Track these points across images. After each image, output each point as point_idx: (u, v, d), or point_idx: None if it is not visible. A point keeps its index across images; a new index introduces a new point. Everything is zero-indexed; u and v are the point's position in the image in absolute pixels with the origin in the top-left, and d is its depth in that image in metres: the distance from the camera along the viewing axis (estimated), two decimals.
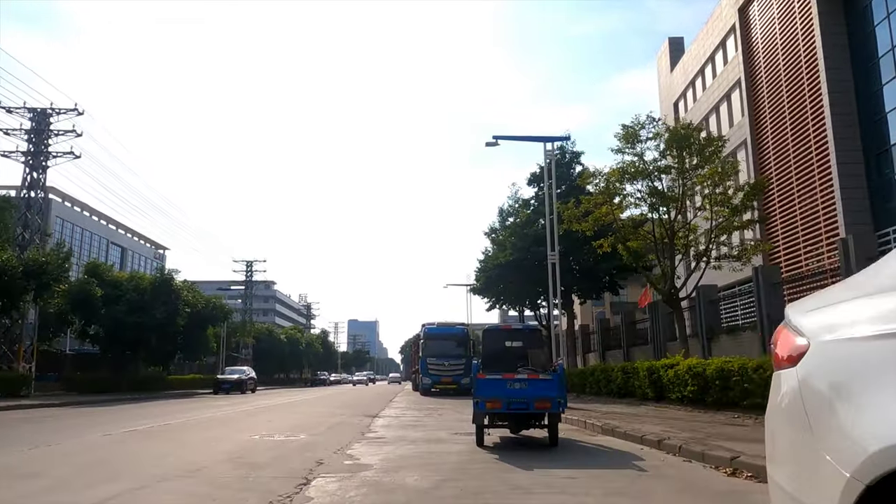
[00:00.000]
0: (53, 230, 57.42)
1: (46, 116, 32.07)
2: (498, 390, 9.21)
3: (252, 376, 44.11)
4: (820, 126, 24.44)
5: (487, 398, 9.22)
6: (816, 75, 24.79)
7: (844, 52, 24.67)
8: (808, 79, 25.32)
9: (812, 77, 25.01)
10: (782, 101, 27.48)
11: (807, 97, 25.42)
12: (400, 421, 15.24)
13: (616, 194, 18.31)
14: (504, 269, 30.00)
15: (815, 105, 24.91)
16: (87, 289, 34.53)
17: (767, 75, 28.99)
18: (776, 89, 28.11)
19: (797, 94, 26.23)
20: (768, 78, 28.88)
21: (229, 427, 13.54)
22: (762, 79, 29.47)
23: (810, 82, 25.15)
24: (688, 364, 15.38)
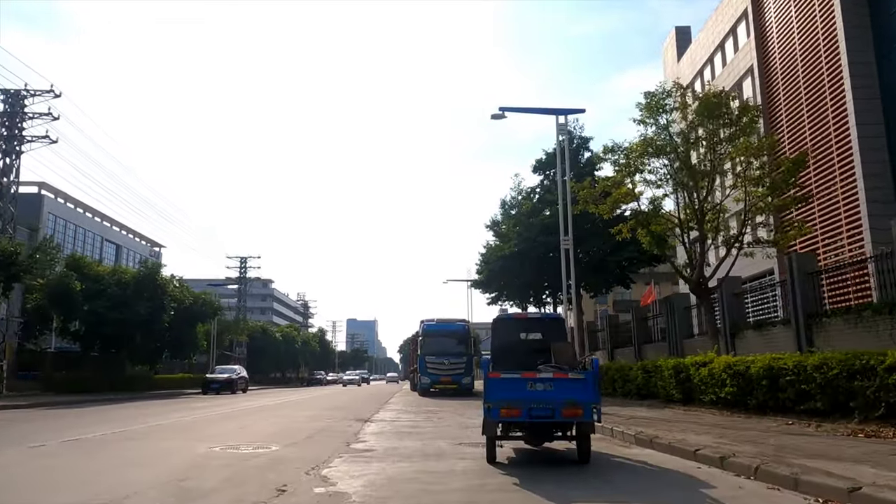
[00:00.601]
0: (46, 226, 55.65)
1: (20, 98, 30.10)
2: (516, 393, 7.26)
3: (243, 376, 42.14)
4: (840, 113, 22.68)
5: (502, 403, 7.26)
6: (837, 59, 22.98)
7: (867, 33, 22.84)
8: (827, 64, 23.53)
9: (832, 61, 23.22)
10: (798, 89, 25.65)
11: (826, 83, 23.64)
12: (394, 427, 13.27)
13: (638, 171, 16.33)
14: (508, 260, 28.04)
15: (834, 92, 23.14)
16: (65, 283, 32.54)
17: (782, 61, 27.16)
18: (792, 76, 26.29)
19: (815, 80, 24.45)
20: (783, 64, 27.06)
21: (193, 435, 11.57)
22: (776, 66, 27.65)
23: (830, 67, 23.36)
24: (725, 361, 13.41)
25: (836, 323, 14.26)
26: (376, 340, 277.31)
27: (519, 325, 9.24)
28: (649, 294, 32.28)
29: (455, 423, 14.35)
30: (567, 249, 18.00)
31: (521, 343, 9.01)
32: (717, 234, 16.33)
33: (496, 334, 9.27)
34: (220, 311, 46.59)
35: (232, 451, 9.00)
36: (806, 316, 15.40)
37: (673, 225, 16.92)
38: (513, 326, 9.25)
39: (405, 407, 21.61)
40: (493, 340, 9.27)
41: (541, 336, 9.06)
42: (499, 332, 9.26)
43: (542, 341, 8.97)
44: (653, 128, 16.18)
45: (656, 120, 16.02)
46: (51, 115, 30.28)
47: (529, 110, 19.20)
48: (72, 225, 63.44)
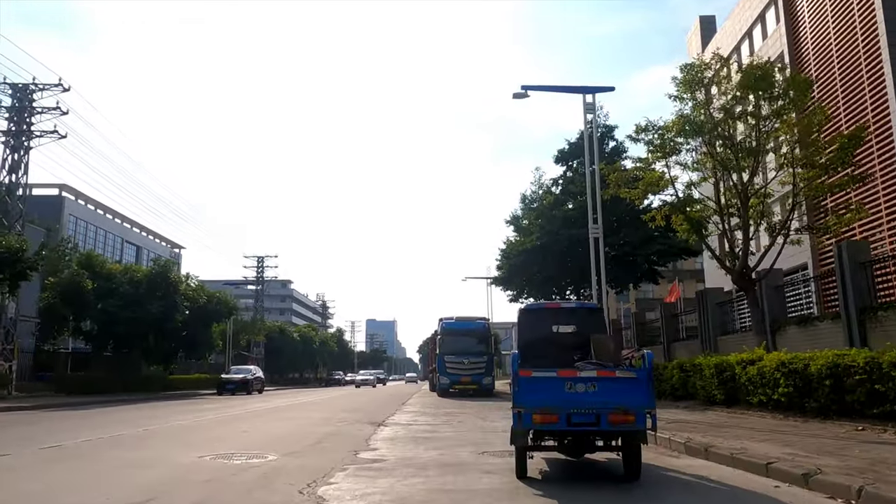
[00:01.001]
0: (67, 228, 55.54)
1: (28, 93, 29.38)
2: (552, 396, 6.02)
3: (258, 376, 41.26)
4: (879, 99, 21.17)
5: (536, 408, 6.02)
6: (875, 43, 21.52)
7: None
8: (864, 47, 22.03)
9: (869, 45, 21.72)
10: (833, 75, 24.20)
11: (863, 69, 22.16)
12: (409, 431, 12.08)
13: (674, 152, 14.96)
14: (530, 255, 26.73)
15: (873, 77, 21.65)
16: (77, 281, 31.90)
17: (815, 47, 25.65)
18: (826, 62, 24.84)
19: (851, 65, 22.96)
20: (816, 50, 25.58)
21: (187, 441, 10.47)
22: (808, 52, 26.17)
23: (867, 51, 21.86)
24: (778, 359, 12.02)
25: (894, 317, 12.84)
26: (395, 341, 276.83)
27: (550, 317, 7.98)
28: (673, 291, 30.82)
29: (476, 427, 13.14)
30: (596, 238, 16.64)
31: (553, 337, 7.76)
32: (761, 221, 14.89)
33: (523, 327, 8.03)
34: (236, 310, 45.79)
35: (222, 461, 7.87)
36: (858, 310, 14.00)
37: (711, 211, 15.50)
38: (543, 318, 8.00)
39: (423, 409, 20.45)
40: (520, 335, 8.03)
41: (576, 328, 7.81)
42: (526, 324, 8.02)
43: (577, 335, 7.72)
44: (690, 104, 14.78)
45: (694, 95, 14.63)
46: (59, 110, 29.53)
47: (554, 88, 17.92)
48: (92, 226, 63.44)
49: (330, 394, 38.14)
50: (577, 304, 8.67)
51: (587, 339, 7.49)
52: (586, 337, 7.52)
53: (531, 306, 8.24)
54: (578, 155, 29.39)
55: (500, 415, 17.02)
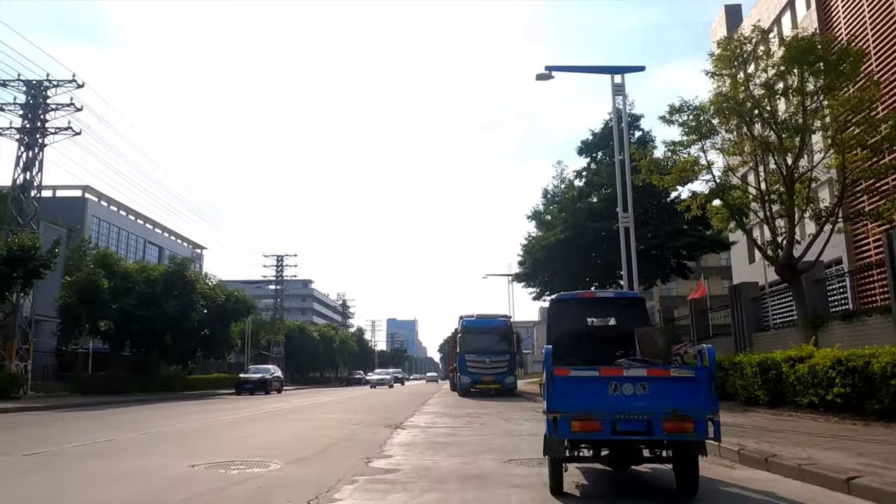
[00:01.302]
0: (90, 229, 55.70)
1: (43, 89, 29.03)
2: (595, 399, 5.10)
3: (277, 376, 40.70)
4: None
5: (575, 413, 5.09)
6: None
7: None
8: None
9: None
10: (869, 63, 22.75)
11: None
12: (428, 435, 11.19)
13: (712, 133, 13.86)
14: (554, 249, 25.68)
15: None
16: (93, 280, 31.52)
17: (850, 33, 24.25)
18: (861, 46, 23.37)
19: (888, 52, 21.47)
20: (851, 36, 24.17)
21: (187, 446, 9.69)
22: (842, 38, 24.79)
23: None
24: (833, 356, 10.93)
25: None
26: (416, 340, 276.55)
27: (585, 308, 7.03)
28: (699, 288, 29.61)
29: (500, 430, 12.23)
30: (627, 228, 15.59)
31: (589, 331, 6.83)
32: (806, 207, 13.74)
33: (554, 320, 7.09)
34: (254, 309, 45.29)
35: (216, 471, 7.04)
36: None
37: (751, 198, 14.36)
38: (577, 310, 7.05)
39: (443, 409, 19.58)
40: (550, 329, 7.09)
41: (615, 321, 6.86)
42: (558, 317, 7.07)
43: (616, 328, 6.78)
44: (728, 81, 13.65)
45: (733, 71, 13.50)
46: (73, 106, 29.12)
47: (580, 69, 16.89)
48: (115, 227, 63.72)
49: (349, 394, 37.43)
50: (615, 293, 7.66)
51: (628, 333, 6.53)
52: (627, 331, 6.56)
53: (563, 296, 7.28)
54: (603, 146, 28.30)
55: (525, 416, 16.09)
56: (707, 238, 24.78)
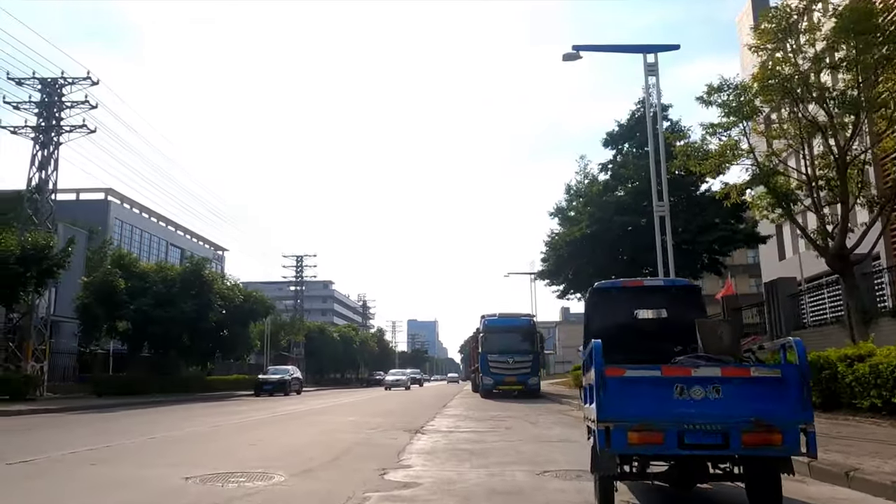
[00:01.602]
0: (113, 231, 55.85)
1: (58, 87, 28.68)
2: (656, 405, 4.19)
3: (296, 377, 40.12)
4: None
5: (633, 422, 4.18)
6: None
7: None
8: None
9: None
10: None
11: None
12: (451, 441, 10.31)
13: (754, 113, 12.80)
14: (579, 244, 24.66)
15: None
16: (109, 280, 31.14)
17: None
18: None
19: None
20: None
21: (190, 453, 8.93)
22: None
23: None
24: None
25: None
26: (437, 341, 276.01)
27: (630, 298, 6.11)
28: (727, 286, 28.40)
29: (528, 435, 11.33)
30: (662, 217, 14.56)
31: (636, 325, 5.90)
32: (860, 193, 12.61)
33: (595, 312, 6.19)
34: (273, 309, 44.79)
35: (214, 484, 6.23)
36: None
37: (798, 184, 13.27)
38: (620, 300, 6.13)
39: (466, 412, 18.71)
40: (590, 322, 6.20)
41: (665, 313, 5.93)
42: (599, 308, 6.17)
43: (668, 321, 5.85)
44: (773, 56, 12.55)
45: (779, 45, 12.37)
46: (88, 104, 28.73)
47: (609, 48, 15.89)
48: (138, 230, 63.90)
49: (368, 395, 36.69)
50: (665, 280, 6.64)
51: (683, 326, 5.61)
52: (681, 324, 5.64)
53: (604, 285, 6.37)
54: (630, 137, 27.24)
55: (552, 419, 15.18)
56: (741, 232, 23.61)
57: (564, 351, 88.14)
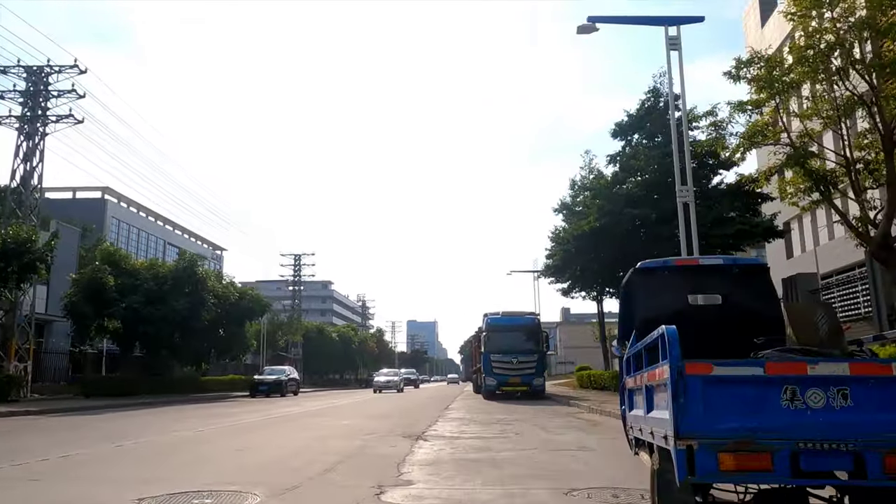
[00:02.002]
0: (109, 230, 54.90)
1: (44, 75, 27.56)
2: (758, 415, 3.06)
3: (293, 377, 38.99)
4: None
5: (728, 438, 3.04)
6: None
7: None
8: None
9: None
10: None
11: None
12: (456, 449, 9.19)
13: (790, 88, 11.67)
14: (587, 239, 23.52)
15: None
16: (98, 277, 30.00)
17: None
18: None
19: None
20: None
21: (153, 465, 7.81)
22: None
23: None
24: None
25: None
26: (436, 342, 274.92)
27: (682, 281, 5.00)
28: None
29: (540, 441, 10.22)
30: (686, 203, 13.42)
31: (691, 313, 4.78)
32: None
33: (637, 298, 5.10)
34: (269, 308, 43.64)
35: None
36: None
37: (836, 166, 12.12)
38: (670, 283, 5.02)
39: (469, 414, 17.59)
40: (630, 311, 5.09)
41: (726, 297, 4.81)
42: (643, 293, 5.07)
43: (731, 308, 4.73)
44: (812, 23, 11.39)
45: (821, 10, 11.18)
46: (75, 93, 27.63)
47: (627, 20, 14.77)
48: (135, 229, 63.02)
49: (366, 396, 35.55)
50: (726, 259, 5.43)
51: (750, 315, 4.50)
52: (748, 312, 4.52)
53: (650, 264, 5.25)
54: (640, 127, 26.12)
55: (563, 423, 14.07)
56: (760, 225, 22.48)
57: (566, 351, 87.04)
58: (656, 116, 25.47)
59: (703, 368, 3.13)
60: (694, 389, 3.10)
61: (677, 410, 3.11)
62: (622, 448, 9.31)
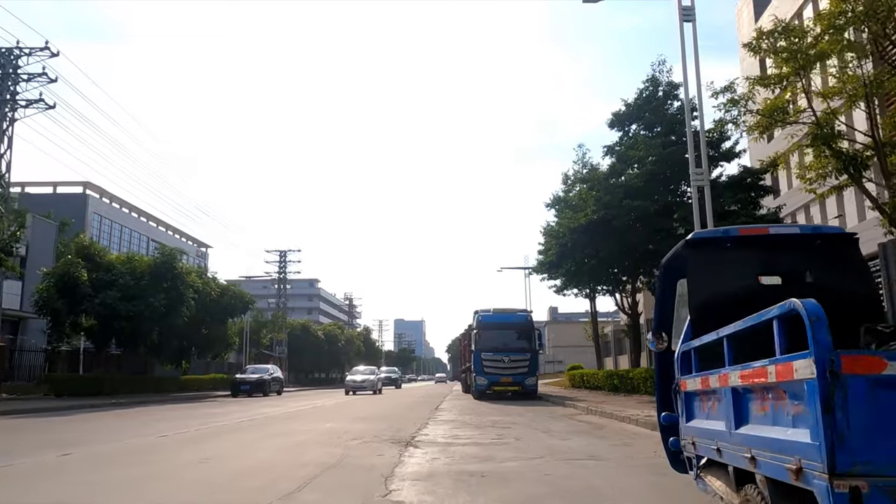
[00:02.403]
0: (91, 226, 53.38)
1: (13, 58, 26.17)
2: None
3: (276, 376, 37.74)
4: None
5: None
6: None
7: None
8: None
9: None
10: None
11: None
12: (452, 458, 8.07)
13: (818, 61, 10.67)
14: (584, 233, 22.48)
15: None
16: (71, 272, 28.59)
17: None
18: None
19: None
20: None
21: (84, 483, 6.61)
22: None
23: None
24: None
25: None
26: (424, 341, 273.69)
27: (753, 254, 3.91)
28: None
29: (545, 448, 9.14)
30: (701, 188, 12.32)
31: (763, 294, 3.70)
32: None
33: (695, 275, 3.97)
34: (252, 304, 42.29)
35: None
36: None
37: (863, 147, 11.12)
38: (737, 258, 3.94)
39: (461, 416, 16.50)
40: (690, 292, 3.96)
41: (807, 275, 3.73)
42: (700, 271, 3.96)
43: (814, 288, 3.66)
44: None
45: None
46: (46, 76, 26.29)
47: None
48: (117, 225, 61.49)
49: (351, 396, 34.34)
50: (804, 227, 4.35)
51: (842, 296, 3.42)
52: (839, 292, 3.45)
53: (705, 234, 4.15)
54: (638, 117, 25.13)
55: (565, 426, 13.01)
56: (764, 219, 21.60)
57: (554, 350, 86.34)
58: (656, 106, 24.51)
59: (871, 365, 2.04)
60: (857, 398, 2.02)
61: (832, 430, 2.01)
62: (640, 457, 8.24)
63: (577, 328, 64.66)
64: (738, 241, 4.02)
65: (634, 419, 13.03)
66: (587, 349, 49.73)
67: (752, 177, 21.80)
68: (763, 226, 4.28)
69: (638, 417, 13.04)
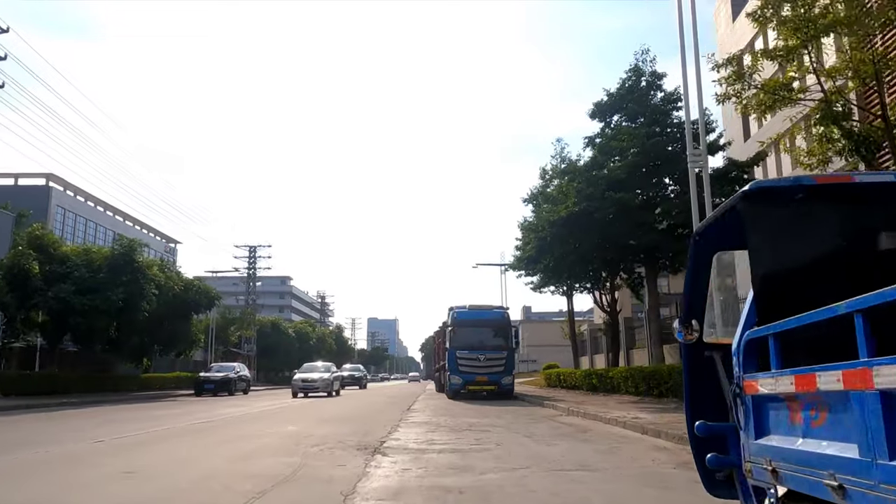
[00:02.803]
0: (54, 220, 51.19)
1: None
2: None
3: (243, 375, 36.33)
4: None
5: None
6: None
7: None
8: None
9: None
10: None
11: None
12: (426, 468, 7.00)
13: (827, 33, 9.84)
14: (564, 226, 21.53)
15: None
16: (22, 264, 26.89)
17: None
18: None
19: None
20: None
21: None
22: None
23: None
24: None
25: None
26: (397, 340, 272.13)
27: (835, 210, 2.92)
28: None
29: (528, 455, 8.14)
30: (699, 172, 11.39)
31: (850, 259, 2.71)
32: None
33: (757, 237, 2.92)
34: (218, 300, 40.75)
35: None
36: None
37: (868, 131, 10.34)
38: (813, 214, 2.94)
39: (435, 417, 15.45)
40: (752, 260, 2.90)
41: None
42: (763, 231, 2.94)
43: None
44: None
45: None
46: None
47: None
48: (82, 219, 59.25)
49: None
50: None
51: None
52: None
53: (767, 183, 3.08)
54: (619, 108, 24.32)
55: (547, 429, 12.02)
56: None
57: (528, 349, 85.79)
58: (638, 97, 23.72)
59: None
60: None
61: None
62: (634, 466, 7.27)
63: (552, 327, 64.05)
64: (814, 193, 3.00)
65: (621, 421, 12.14)
66: (562, 348, 49.00)
67: (737, 170, 21.11)
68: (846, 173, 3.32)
69: (625, 420, 12.15)
